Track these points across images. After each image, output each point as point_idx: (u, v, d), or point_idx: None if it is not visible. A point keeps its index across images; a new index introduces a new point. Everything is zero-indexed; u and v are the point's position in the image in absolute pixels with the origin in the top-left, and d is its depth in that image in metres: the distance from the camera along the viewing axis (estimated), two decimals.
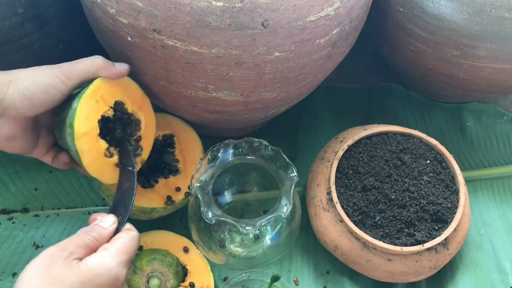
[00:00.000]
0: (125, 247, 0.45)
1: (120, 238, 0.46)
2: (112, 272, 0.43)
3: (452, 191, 0.63)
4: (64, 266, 0.41)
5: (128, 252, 0.45)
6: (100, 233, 0.46)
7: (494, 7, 0.61)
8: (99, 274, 0.42)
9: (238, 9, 0.48)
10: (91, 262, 0.43)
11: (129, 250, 0.46)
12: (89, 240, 0.44)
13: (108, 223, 0.47)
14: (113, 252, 0.44)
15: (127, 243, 0.46)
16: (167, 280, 0.61)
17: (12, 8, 0.59)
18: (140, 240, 0.49)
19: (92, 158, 0.53)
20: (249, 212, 0.70)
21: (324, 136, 0.79)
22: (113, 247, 0.45)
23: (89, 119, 0.52)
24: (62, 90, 0.49)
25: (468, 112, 0.81)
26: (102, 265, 0.43)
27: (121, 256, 0.44)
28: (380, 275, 0.62)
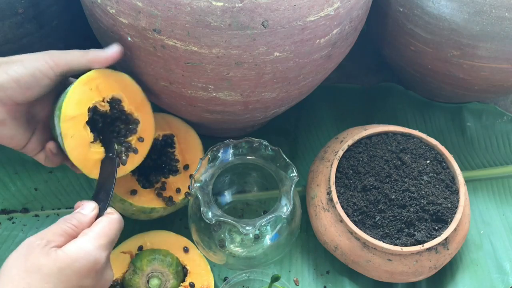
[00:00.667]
0: (104, 231, 0.45)
1: (99, 223, 0.46)
2: (90, 256, 0.43)
3: (452, 191, 0.63)
4: (42, 254, 0.41)
5: (107, 235, 0.45)
6: (80, 219, 0.46)
7: (494, 7, 0.61)
8: (77, 259, 0.42)
9: (238, 9, 0.48)
10: (69, 249, 0.43)
11: (109, 233, 0.45)
12: (69, 228, 0.44)
13: (88, 210, 0.47)
14: (91, 237, 0.44)
15: (106, 226, 0.46)
16: (167, 280, 0.61)
17: (12, 8, 0.59)
18: (122, 222, 0.48)
19: (76, 144, 0.52)
20: (249, 212, 0.70)
21: (324, 136, 0.79)
22: (92, 232, 0.45)
23: (79, 104, 0.52)
24: (49, 75, 0.49)
25: (468, 112, 0.81)
26: (80, 250, 0.43)
27: (99, 240, 0.44)
28: (380, 275, 0.62)
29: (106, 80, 0.54)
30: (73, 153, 0.53)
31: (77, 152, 0.53)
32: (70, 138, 0.52)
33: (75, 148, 0.53)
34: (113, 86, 0.55)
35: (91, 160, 0.55)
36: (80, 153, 0.53)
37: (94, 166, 0.55)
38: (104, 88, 0.54)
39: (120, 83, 0.56)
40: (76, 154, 0.53)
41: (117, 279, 0.61)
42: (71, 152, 0.52)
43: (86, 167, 0.54)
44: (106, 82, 0.54)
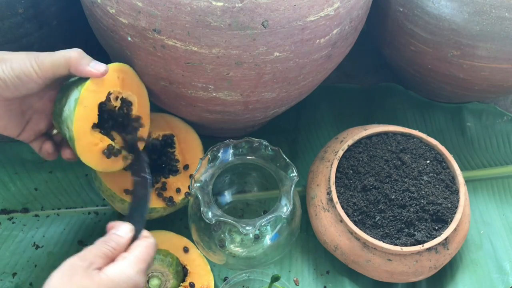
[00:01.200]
0: (143, 256, 0.46)
1: (138, 247, 0.46)
2: (131, 281, 0.43)
3: (452, 191, 0.63)
4: (85, 276, 0.42)
5: (145, 260, 0.46)
6: (118, 242, 0.46)
7: (494, 7, 0.61)
8: (119, 283, 0.43)
9: (238, 9, 0.48)
10: (111, 272, 0.43)
11: (147, 258, 0.46)
12: (108, 250, 0.45)
13: (124, 232, 0.47)
14: (132, 261, 0.44)
15: (145, 251, 0.46)
16: (167, 280, 0.61)
17: (12, 8, 0.59)
18: (157, 246, 0.49)
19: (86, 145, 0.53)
20: (249, 212, 0.70)
21: (324, 136, 0.79)
22: (132, 256, 0.45)
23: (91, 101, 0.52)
24: (34, 79, 0.49)
25: (468, 112, 0.81)
26: (122, 274, 0.43)
27: (139, 265, 0.45)
28: (380, 275, 0.62)
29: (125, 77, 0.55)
30: (83, 154, 0.53)
31: (87, 153, 0.53)
32: (81, 140, 0.52)
33: (85, 149, 0.53)
34: (131, 87, 0.56)
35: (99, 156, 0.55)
36: (90, 153, 0.54)
37: (102, 160, 0.55)
38: (121, 84, 0.55)
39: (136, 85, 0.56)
40: (86, 155, 0.53)
41: None
42: (82, 153, 0.53)
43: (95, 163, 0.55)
44: (125, 80, 0.55)
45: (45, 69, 0.49)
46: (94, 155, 0.54)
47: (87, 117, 0.52)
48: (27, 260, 0.66)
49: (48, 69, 0.49)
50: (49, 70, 0.49)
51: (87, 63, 0.50)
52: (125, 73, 0.55)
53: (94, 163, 0.55)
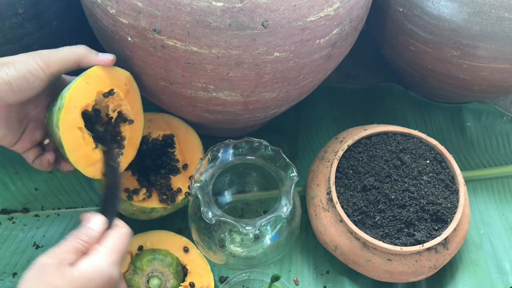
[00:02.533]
0: (115, 246, 0.45)
1: (110, 238, 0.46)
2: (104, 274, 0.43)
3: (452, 191, 0.63)
4: (57, 274, 0.41)
5: (119, 250, 0.45)
6: (90, 235, 0.45)
7: (494, 7, 0.61)
8: (92, 278, 0.42)
9: (238, 9, 0.48)
10: (83, 267, 0.42)
11: (120, 248, 0.45)
12: (79, 244, 0.44)
13: (96, 224, 0.47)
14: (104, 253, 0.44)
15: (117, 242, 0.46)
16: (167, 280, 0.61)
17: (12, 8, 0.59)
18: (131, 234, 0.48)
19: (75, 147, 0.52)
20: (249, 212, 0.70)
21: (324, 136, 0.79)
22: (104, 248, 0.44)
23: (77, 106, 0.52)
24: (41, 77, 0.49)
25: (468, 112, 0.81)
26: (95, 268, 0.43)
27: (112, 256, 0.44)
28: (380, 275, 0.62)
29: (105, 76, 0.54)
30: (72, 156, 0.52)
31: (77, 155, 0.53)
32: (70, 142, 0.52)
33: (74, 151, 0.53)
34: (112, 83, 0.55)
35: (92, 161, 0.55)
36: (80, 156, 0.53)
37: (94, 167, 0.55)
38: (102, 85, 0.54)
39: (117, 80, 0.55)
40: (76, 158, 0.53)
41: None
42: (71, 155, 0.52)
43: (87, 170, 0.54)
44: (105, 79, 0.54)
45: (52, 65, 0.49)
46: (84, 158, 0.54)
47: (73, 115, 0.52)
48: (27, 260, 0.66)
49: (55, 64, 0.50)
50: (55, 66, 0.50)
51: (95, 55, 0.53)
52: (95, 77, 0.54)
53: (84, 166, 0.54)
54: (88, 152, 0.54)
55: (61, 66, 0.50)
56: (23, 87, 0.49)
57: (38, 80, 0.49)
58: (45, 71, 0.49)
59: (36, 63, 0.49)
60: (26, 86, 0.49)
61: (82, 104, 0.52)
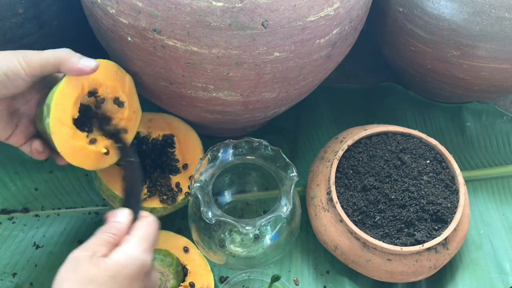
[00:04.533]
0: (145, 234, 0.46)
1: (139, 227, 0.46)
2: (138, 261, 0.43)
3: (452, 191, 0.63)
4: (92, 265, 0.42)
5: (148, 238, 0.46)
6: (118, 228, 0.46)
7: (494, 7, 0.61)
8: (125, 265, 0.43)
9: (238, 9, 0.48)
10: (116, 256, 0.43)
11: (149, 236, 0.46)
12: (109, 237, 0.45)
13: (122, 217, 0.47)
14: (135, 242, 0.45)
15: (146, 230, 0.46)
16: (167, 280, 0.61)
17: (12, 8, 0.59)
18: (159, 223, 0.49)
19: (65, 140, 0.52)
20: (249, 212, 0.70)
21: (324, 136, 0.79)
22: (134, 237, 0.45)
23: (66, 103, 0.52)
24: (22, 77, 0.49)
25: (468, 112, 0.81)
26: (128, 256, 0.43)
27: (143, 244, 0.45)
28: (380, 275, 0.62)
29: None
30: (63, 150, 0.52)
31: (67, 148, 0.53)
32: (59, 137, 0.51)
33: (64, 144, 0.52)
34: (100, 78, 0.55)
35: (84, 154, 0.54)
36: (73, 151, 0.53)
37: (87, 158, 0.55)
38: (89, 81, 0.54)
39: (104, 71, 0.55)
40: (66, 151, 0.53)
41: None
42: (62, 148, 0.52)
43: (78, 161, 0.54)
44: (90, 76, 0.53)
45: (33, 66, 0.49)
46: (75, 151, 0.54)
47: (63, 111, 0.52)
48: (28, 260, 0.66)
49: (36, 66, 0.49)
50: (37, 68, 0.49)
51: (76, 61, 0.50)
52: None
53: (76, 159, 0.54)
54: (81, 146, 0.54)
55: (42, 69, 0.49)
56: (5, 84, 0.49)
57: (20, 79, 0.49)
58: (26, 71, 0.49)
59: (18, 62, 0.48)
60: (8, 84, 0.49)
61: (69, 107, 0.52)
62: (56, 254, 0.66)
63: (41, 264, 0.65)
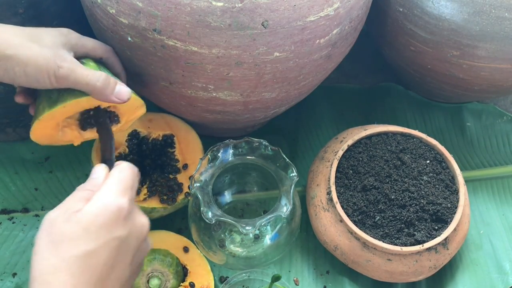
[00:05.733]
0: (117, 179, 0.43)
1: (110, 175, 0.44)
2: (111, 206, 0.41)
3: (452, 191, 0.63)
4: (63, 221, 0.40)
5: (121, 181, 0.43)
6: (93, 183, 0.44)
7: (494, 7, 0.61)
8: (98, 214, 0.40)
9: (238, 9, 0.48)
10: (88, 207, 0.41)
11: (123, 179, 0.43)
12: (84, 193, 0.43)
13: (98, 173, 0.45)
14: (106, 188, 0.42)
15: (118, 174, 0.43)
16: (167, 280, 0.61)
17: (12, 8, 0.59)
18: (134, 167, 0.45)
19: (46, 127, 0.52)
20: (249, 212, 0.70)
21: (324, 136, 0.79)
22: (105, 184, 0.43)
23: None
24: (47, 86, 0.48)
25: (468, 112, 0.81)
26: (100, 203, 0.41)
27: (115, 188, 0.42)
28: (380, 275, 0.62)
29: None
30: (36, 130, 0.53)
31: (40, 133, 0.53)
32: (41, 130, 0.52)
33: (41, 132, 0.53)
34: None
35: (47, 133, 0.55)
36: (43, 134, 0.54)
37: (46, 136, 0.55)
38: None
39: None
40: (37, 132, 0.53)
41: None
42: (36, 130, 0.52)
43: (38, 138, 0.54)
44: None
45: (63, 84, 0.48)
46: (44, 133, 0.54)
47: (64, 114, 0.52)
48: (28, 260, 0.66)
49: (65, 84, 0.48)
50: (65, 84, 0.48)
51: (110, 92, 0.50)
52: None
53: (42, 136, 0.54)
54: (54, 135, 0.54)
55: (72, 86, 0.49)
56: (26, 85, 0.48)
57: (43, 87, 0.48)
58: (53, 85, 0.48)
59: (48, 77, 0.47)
60: (28, 86, 0.49)
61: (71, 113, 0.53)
62: None
63: None
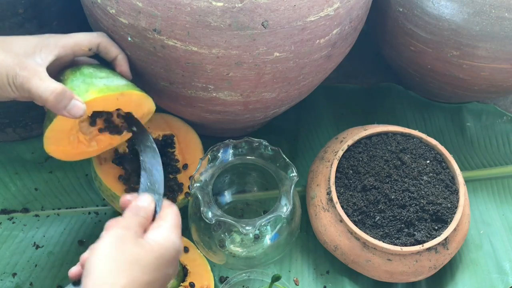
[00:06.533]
0: (176, 221, 0.46)
1: (169, 214, 0.46)
2: (176, 245, 0.44)
3: (452, 191, 0.63)
4: (136, 245, 0.41)
5: (178, 226, 0.46)
6: (147, 212, 0.46)
7: (494, 7, 0.61)
8: (167, 248, 0.43)
9: (238, 9, 0.48)
10: (156, 237, 0.43)
11: (179, 224, 0.46)
12: (142, 220, 0.45)
13: (147, 202, 0.46)
14: (170, 227, 0.45)
15: (176, 217, 0.46)
16: None
17: (12, 8, 0.59)
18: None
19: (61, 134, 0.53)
20: (249, 212, 0.70)
21: (324, 136, 0.79)
22: (168, 223, 0.45)
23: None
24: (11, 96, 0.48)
25: (468, 112, 0.81)
26: (168, 238, 0.43)
27: (176, 230, 0.45)
28: (380, 275, 0.62)
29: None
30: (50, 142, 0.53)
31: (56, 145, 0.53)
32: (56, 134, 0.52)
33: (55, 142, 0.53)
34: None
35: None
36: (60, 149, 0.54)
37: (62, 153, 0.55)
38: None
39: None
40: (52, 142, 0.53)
41: None
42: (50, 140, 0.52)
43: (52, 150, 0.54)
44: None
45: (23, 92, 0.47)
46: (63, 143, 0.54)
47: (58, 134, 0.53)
48: (28, 260, 0.66)
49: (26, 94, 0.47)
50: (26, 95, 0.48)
51: (63, 107, 0.48)
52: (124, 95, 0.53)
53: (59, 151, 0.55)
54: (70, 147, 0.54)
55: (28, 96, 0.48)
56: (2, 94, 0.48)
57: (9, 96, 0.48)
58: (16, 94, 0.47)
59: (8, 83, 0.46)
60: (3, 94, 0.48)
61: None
62: (56, 254, 0.66)
63: (41, 264, 0.65)
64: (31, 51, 0.48)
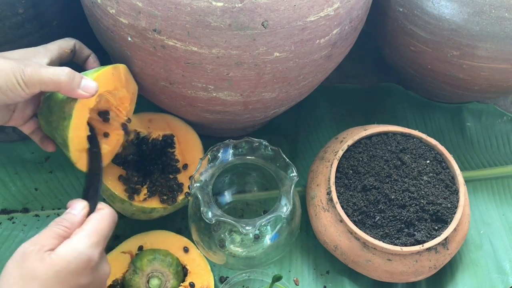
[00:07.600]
0: (95, 228, 0.45)
1: (90, 220, 0.46)
2: (83, 256, 0.43)
3: (452, 191, 0.63)
4: (37, 260, 0.42)
5: (98, 231, 0.45)
6: (71, 220, 0.45)
7: (494, 7, 0.61)
8: (70, 261, 0.42)
9: (238, 9, 0.48)
10: (61, 251, 0.43)
11: (100, 230, 0.45)
12: (61, 230, 0.44)
13: (78, 209, 0.46)
14: (83, 236, 0.44)
15: (97, 223, 0.45)
16: (167, 280, 0.61)
17: (12, 8, 0.59)
18: (115, 215, 0.48)
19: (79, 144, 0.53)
20: (249, 212, 0.70)
21: (324, 136, 0.79)
22: (82, 231, 0.44)
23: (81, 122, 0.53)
24: (21, 94, 0.48)
25: (468, 112, 0.81)
26: (73, 250, 0.43)
27: (91, 238, 0.44)
28: (380, 275, 0.62)
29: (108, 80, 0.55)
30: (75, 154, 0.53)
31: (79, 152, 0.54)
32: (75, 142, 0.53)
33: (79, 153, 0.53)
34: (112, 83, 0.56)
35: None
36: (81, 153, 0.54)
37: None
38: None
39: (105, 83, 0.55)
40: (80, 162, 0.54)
41: (117, 279, 0.61)
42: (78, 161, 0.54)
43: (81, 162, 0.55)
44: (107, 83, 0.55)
45: (33, 86, 0.47)
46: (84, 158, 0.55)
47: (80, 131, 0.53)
48: None
49: (36, 86, 0.48)
50: (36, 87, 0.48)
51: (77, 85, 0.49)
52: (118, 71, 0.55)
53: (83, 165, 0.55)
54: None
55: (41, 88, 0.48)
56: (3, 99, 0.48)
57: (18, 97, 0.48)
58: (26, 91, 0.48)
59: (16, 81, 0.47)
60: (6, 99, 0.48)
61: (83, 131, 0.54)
62: None
63: None
64: (28, 57, 0.52)
